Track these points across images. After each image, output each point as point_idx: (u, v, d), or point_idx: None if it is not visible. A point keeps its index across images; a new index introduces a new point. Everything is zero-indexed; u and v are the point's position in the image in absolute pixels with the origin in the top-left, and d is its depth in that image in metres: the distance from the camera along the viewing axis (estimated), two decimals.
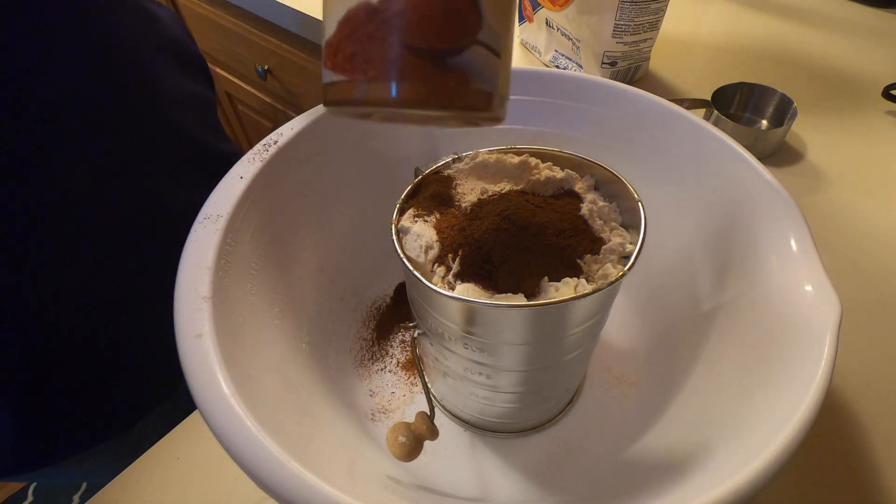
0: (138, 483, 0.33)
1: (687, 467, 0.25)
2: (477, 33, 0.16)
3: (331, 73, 0.17)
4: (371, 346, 0.39)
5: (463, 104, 0.17)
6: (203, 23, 1.04)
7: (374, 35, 0.16)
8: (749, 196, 0.30)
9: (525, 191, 0.28)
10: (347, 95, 0.16)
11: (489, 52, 0.17)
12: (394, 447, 0.27)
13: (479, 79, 0.16)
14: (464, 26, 0.16)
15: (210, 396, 0.21)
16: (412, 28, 0.15)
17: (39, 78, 0.32)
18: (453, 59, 0.16)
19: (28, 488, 1.09)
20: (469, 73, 0.16)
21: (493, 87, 0.17)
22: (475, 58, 0.16)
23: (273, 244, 0.31)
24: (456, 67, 0.16)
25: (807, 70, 0.60)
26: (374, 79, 0.16)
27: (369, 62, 0.16)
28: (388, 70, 0.16)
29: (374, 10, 0.15)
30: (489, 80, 0.17)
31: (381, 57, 0.16)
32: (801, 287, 0.25)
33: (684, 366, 0.32)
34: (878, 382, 0.35)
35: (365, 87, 0.16)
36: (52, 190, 0.34)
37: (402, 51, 0.15)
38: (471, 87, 0.16)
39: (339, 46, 0.16)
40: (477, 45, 0.16)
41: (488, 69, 0.17)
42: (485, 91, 0.17)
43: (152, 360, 0.43)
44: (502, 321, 0.24)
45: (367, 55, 0.16)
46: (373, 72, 0.16)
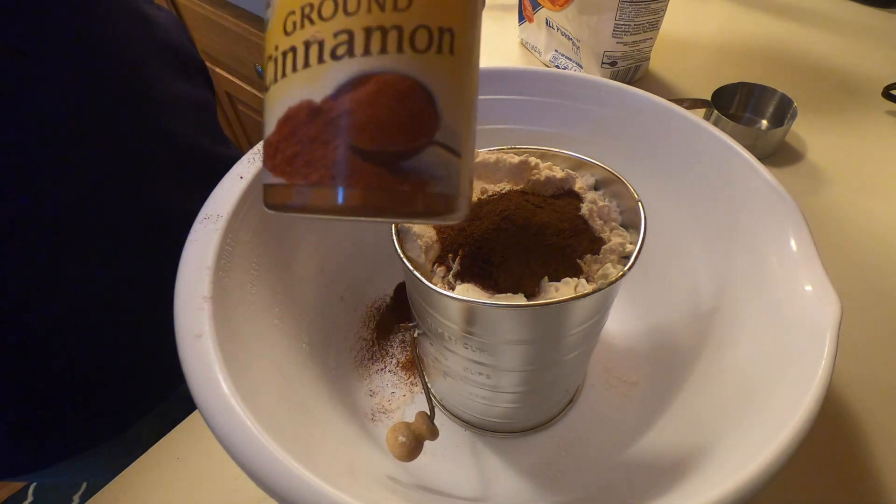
0: (138, 483, 0.33)
1: (687, 467, 0.25)
2: (434, 134, 0.15)
3: (269, 175, 0.15)
4: (371, 346, 0.39)
5: (419, 211, 0.15)
6: (203, 23, 1.04)
7: (316, 137, 0.14)
8: (749, 196, 0.30)
9: (525, 191, 0.28)
10: (287, 200, 0.15)
11: (448, 152, 0.15)
12: (394, 447, 0.27)
13: (436, 182, 0.15)
14: (418, 127, 0.14)
15: (210, 396, 0.21)
16: (360, 129, 0.14)
17: (34, 85, 0.32)
18: (407, 161, 0.14)
19: (28, 488, 1.09)
20: (426, 176, 0.15)
21: (453, 188, 0.15)
22: (432, 160, 0.15)
23: (273, 244, 0.31)
24: (411, 171, 0.14)
25: (807, 70, 0.60)
26: (316, 184, 0.14)
27: (311, 165, 0.14)
28: (334, 175, 0.14)
29: (317, 109, 0.14)
30: (448, 183, 0.15)
31: (324, 160, 0.14)
32: (801, 287, 0.25)
33: (684, 366, 0.32)
34: (878, 382, 0.35)
35: (308, 193, 0.14)
36: (48, 194, 0.34)
37: (349, 154, 0.14)
38: (427, 192, 0.15)
39: (278, 147, 0.15)
40: (434, 145, 0.15)
41: (447, 171, 0.15)
42: (443, 194, 0.15)
43: (151, 361, 0.43)
44: (502, 321, 0.24)
45: (309, 157, 0.14)
46: (315, 176, 0.14)
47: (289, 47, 0.14)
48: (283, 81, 0.15)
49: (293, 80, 0.14)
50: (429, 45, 0.14)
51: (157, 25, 0.42)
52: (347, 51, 0.14)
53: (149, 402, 0.46)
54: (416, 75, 0.14)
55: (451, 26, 0.15)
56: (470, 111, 0.16)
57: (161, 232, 0.39)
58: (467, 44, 0.15)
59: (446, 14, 0.15)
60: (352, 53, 0.14)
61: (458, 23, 0.15)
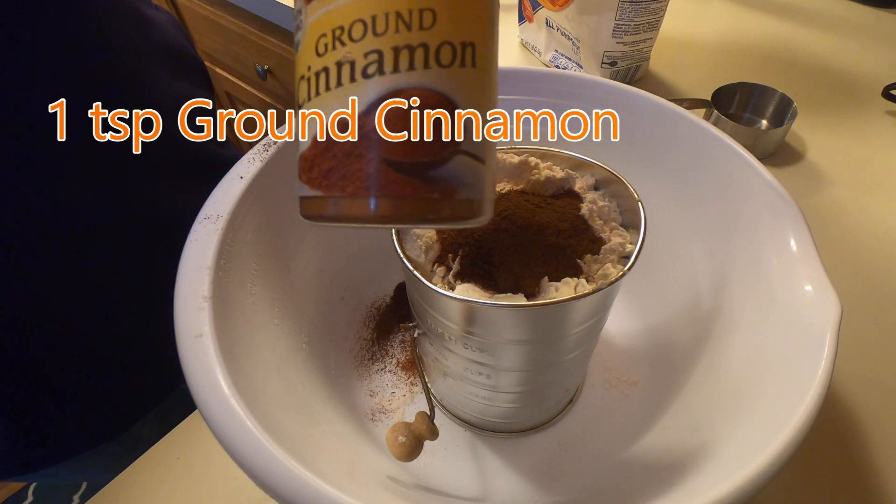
0: (138, 483, 0.33)
1: (687, 467, 0.25)
2: (460, 143, 0.15)
3: (306, 188, 0.16)
4: (371, 346, 0.39)
5: (449, 216, 0.16)
6: (203, 23, 1.04)
7: (351, 151, 0.15)
8: (749, 196, 0.30)
9: (525, 191, 0.28)
10: (325, 211, 0.16)
11: (473, 160, 0.16)
12: (394, 447, 0.27)
13: (464, 188, 0.16)
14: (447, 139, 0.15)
15: (210, 396, 0.21)
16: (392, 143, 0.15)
17: (32, 86, 0.32)
18: (437, 171, 0.15)
19: (28, 488, 1.09)
20: (454, 183, 0.15)
21: (479, 193, 0.16)
22: (459, 167, 0.15)
23: (273, 244, 0.31)
24: (440, 179, 0.15)
25: (807, 70, 0.60)
26: (352, 195, 0.15)
27: (347, 178, 0.15)
28: (368, 186, 0.15)
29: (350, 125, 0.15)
30: (474, 188, 0.16)
31: (359, 172, 0.15)
32: (801, 287, 0.25)
33: (684, 366, 0.32)
34: (878, 382, 0.35)
35: (344, 204, 0.15)
36: (47, 196, 0.34)
37: (382, 166, 0.15)
38: (456, 199, 0.16)
39: (314, 161, 0.15)
40: (460, 154, 0.15)
41: (473, 177, 0.16)
42: (470, 199, 0.16)
43: (151, 360, 0.43)
44: (502, 321, 0.24)
45: (344, 171, 0.15)
46: (351, 188, 0.15)
47: (321, 68, 0.15)
48: (318, 99, 0.15)
49: (327, 98, 0.15)
50: (453, 60, 0.15)
51: (156, 26, 0.42)
52: (378, 69, 0.15)
53: (149, 401, 0.46)
54: (443, 89, 0.15)
55: (472, 40, 0.15)
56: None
57: (161, 232, 0.39)
58: (488, 55, 0.16)
59: (468, 29, 0.15)
60: (382, 72, 0.15)
61: (479, 36, 0.16)
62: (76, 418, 0.41)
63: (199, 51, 1.12)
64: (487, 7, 0.16)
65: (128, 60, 0.38)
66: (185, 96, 0.44)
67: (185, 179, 0.43)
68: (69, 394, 0.40)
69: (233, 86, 1.13)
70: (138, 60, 0.39)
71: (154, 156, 0.40)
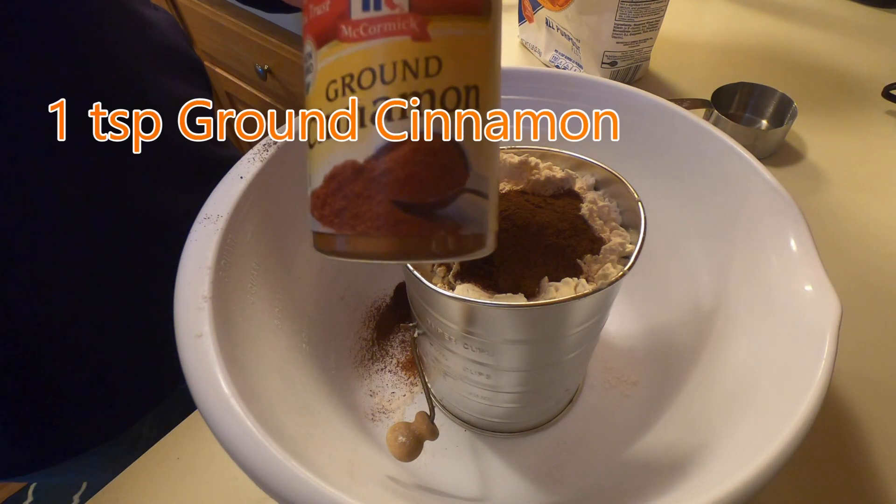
0: (138, 483, 0.33)
1: (687, 467, 0.25)
2: (465, 182, 0.16)
3: (319, 224, 0.17)
4: (371, 346, 0.39)
5: (454, 251, 0.16)
6: (203, 23, 1.04)
7: (361, 193, 0.15)
8: (749, 196, 0.30)
9: (525, 191, 0.28)
10: (336, 248, 0.16)
11: (477, 196, 0.16)
12: (394, 447, 0.27)
13: (468, 224, 0.16)
14: (451, 178, 0.16)
15: (210, 396, 0.21)
16: (400, 185, 0.15)
17: (30, 87, 0.32)
18: (443, 210, 0.16)
19: (28, 488, 1.09)
20: (459, 220, 0.16)
21: (483, 228, 0.17)
22: (464, 205, 0.16)
23: (273, 244, 0.31)
24: (446, 217, 0.16)
25: (807, 70, 0.60)
26: (363, 234, 0.16)
27: (358, 218, 0.16)
28: (378, 226, 0.15)
29: (360, 168, 0.15)
30: (478, 224, 0.17)
31: (369, 213, 0.15)
32: (801, 287, 0.25)
33: (684, 366, 0.32)
34: (878, 382, 0.35)
35: (355, 242, 0.16)
36: (46, 196, 0.34)
37: (391, 207, 0.15)
38: (461, 235, 0.16)
39: (326, 200, 0.16)
40: (465, 192, 0.16)
41: (477, 213, 0.17)
42: (475, 234, 0.17)
43: (151, 360, 0.43)
44: (502, 321, 0.24)
45: (355, 211, 0.16)
46: (361, 227, 0.16)
47: (332, 112, 0.16)
48: (328, 142, 0.16)
49: (337, 142, 0.16)
50: (457, 104, 0.16)
51: (154, 26, 0.42)
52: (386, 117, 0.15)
53: (149, 401, 0.46)
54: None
55: (476, 83, 0.16)
56: (495, 154, 0.18)
57: (161, 232, 0.39)
58: (491, 95, 0.17)
59: (472, 74, 0.16)
60: (390, 119, 0.15)
61: (483, 79, 0.16)
62: (76, 418, 0.41)
63: (199, 51, 1.12)
64: (490, 51, 0.17)
65: (126, 60, 0.38)
66: (183, 96, 0.44)
67: (185, 179, 0.43)
68: (69, 394, 0.40)
69: (233, 86, 1.13)
70: (136, 60, 0.39)
71: (154, 156, 0.40)
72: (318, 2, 0.16)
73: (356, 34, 0.15)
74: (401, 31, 0.15)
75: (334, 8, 0.15)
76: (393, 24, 0.15)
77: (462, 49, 0.16)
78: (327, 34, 0.16)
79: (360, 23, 0.15)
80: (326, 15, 0.15)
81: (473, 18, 0.16)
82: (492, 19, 0.16)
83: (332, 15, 0.15)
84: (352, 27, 0.15)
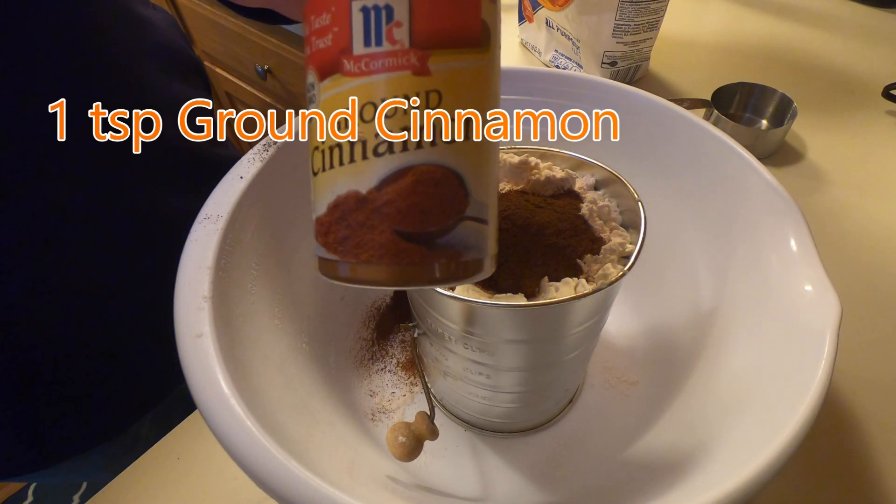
0: (138, 483, 0.33)
1: (687, 467, 0.25)
2: (465, 210, 0.16)
3: (323, 250, 0.17)
4: (371, 346, 0.39)
5: (454, 277, 0.17)
6: (203, 23, 1.04)
7: (364, 223, 0.16)
8: (749, 196, 0.30)
9: (525, 191, 0.28)
10: (340, 274, 0.17)
11: (477, 223, 0.17)
12: (394, 447, 0.27)
13: (468, 251, 0.17)
14: (452, 207, 0.16)
15: (210, 396, 0.21)
16: (402, 215, 0.16)
17: (29, 88, 0.32)
18: (443, 238, 0.16)
19: (28, 488, 1.09)
20: (459, 248, 0.17)
21: (483, 253, 0.17)
22: (464, 233, 0.17)
23: (273, 244, 0.31)
24: (447, 245, 0.16)
25: (807, 70, 0.60)
26: (366, 262, 0.16)
27: (361, 247, 0.16)
28: (381, 255, 0.16)
29: (363, 199, 0.16)
30: (478, 249, 0.17)
31: (372, 242, 0.16)
32: (801, 287, 0.25)
33: (684, 366, 0.32)
34: (878, 382, 0.35)
35: (358, 269, 0.16)
36: (46, 197, 0.34)
37: (393, 236, 0.16)
38: (461, 261, 0.17)
39: (329, 228, 0.17)
40: (465, 220, 0.16)
41: (477, 239, 0.17)
42: (475, 259, 0.17)
43: (151, 360, 0.43)
44: (502, 321, 0.24)
45: (358, 240, 0.16)
46: (365, 256, 0.16)
47: (335, 143, 0.16)
48: (331, 172, 0.16)
49: (340, 172, 0.16)
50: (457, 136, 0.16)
51: (153, 26, 0.42)
52: (388, 149, 0.16)
53: (149, 402, 0.46)
54: (448, 163, 0.16)
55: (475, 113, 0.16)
56: (494, 180, 0.18)
57: (161, 232, 0.39)
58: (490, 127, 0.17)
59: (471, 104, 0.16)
60: (392, 151, 0.16)
61: (481, 108, 0.17)
62: (76, 419, 0.41)
63: (199, 51, 1.12)
64: (488, 80, 0.17)
65: (125, 61, 0.38)
66: (183, 96, 0.43)
67: (186, 179, 0.43)
68: (69, 394, 0.40)
69: (233, 86, 1.13)
70: (136, 60, 0.39)
71: (154, 156, 0.40)
72: (321, 35, 0.16)
73: (358, 69, 0.15)
74: (402, 67, 0.15)
75: (336, 42, 0.16)
76: (394, 59, 0.15)
77: (461, 81, 0.16)
78: (330, 67, 0.16)
79: (361, 58, 0.15)
80: (329, 49, 0.16)
81: (473, 51, 0.16)
82: (491, 49, 0.17)
83: (334, 49, 0.16)
84: (354, 62, 0.15)
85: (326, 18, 0.16)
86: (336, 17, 0.15)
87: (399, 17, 0.15)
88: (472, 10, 0.16)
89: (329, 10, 0.16)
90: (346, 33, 0.15)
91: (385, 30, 0.15)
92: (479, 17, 0.16)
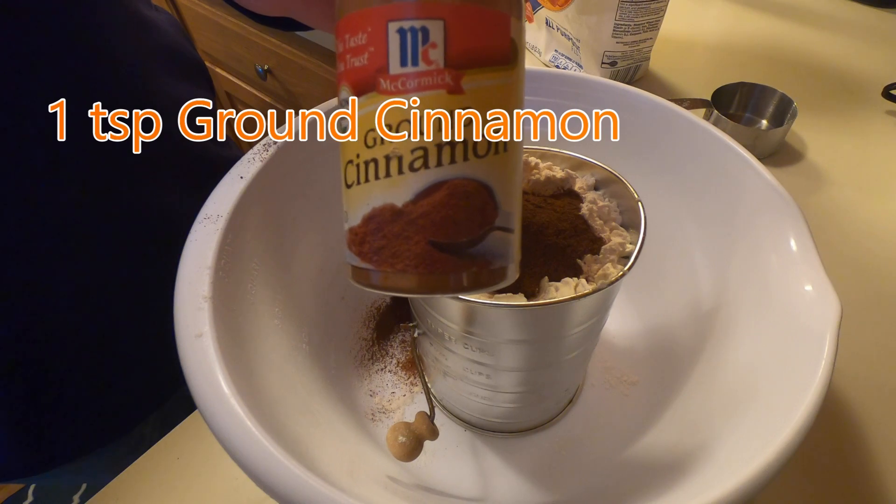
0: (138, 483, 0.33)
1: (687, 467, 0.25)
2: (494, 221, 0.17)
3: (357, 259, 0.18)
4: (371, 346, 0.39)
5: (483, 284, 0.18)
6: (203, 23, 1.04)
7: (399, 234, 0.17)
8: (749, 196, 0.30)
9: (525, 191, 0.28)
10: (373, 282, 0.18)
11: (505, 232, 0.18)
12: (394, 447, 0.27)
13: (497, 259, 0.18)
14: (483, 219, 0.17)
15: (210, 396, 0.21)
16: (436, 227, 0.17)
17: (31, 89, 0.32)
18: (474, 248, 0.17)
19: (28, 488, 1.09)
20: (489, 256, 0.17)
21: (509, 260, 0.18)
22: (493, 242, 0.18)
23: (273, 244, 0.31)
24: (477, 255, 0.17)
25: (807, 70, 0.60)
26: (401, 271, 0.17)
27: (396, 256, 0.17)
28: (416, 264, 0.17)
29: (398, 211, 0.17)
30: (505, 257, 0.18)
31: (407, 253, 0.17)
32: (801, 287, 0.25)
33: (684, 366, 0.32)
34: (878, 382, 0.35)
35: (393, 278, 0.17)
36: (46, 197, 0.34)
37: (427, 247, 0.17)
38: (490, 269, 0.18)
39: (364, 238, 0.17)
40: (494, 230, 0.17)
41: (504, 248, 0.18)
42: (502, 267, 0.18)
43: (153, 361, 0.43)
44: (502, 321, 0.24)
45: (394, 250, 0.17)
46: (400, 265, 0.17)
47: (370, 158, 0.17)
48: (367, 185, 0.17)
49: (376, 185, 0.17)
50: (487, 150, 0.17)
51: (156, 27, 0.42)
52: (423, 164, 0.16)
53: (151, 404, 0.46)
54: (479, 177, 0.17)
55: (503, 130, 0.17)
56: (519, 190, 0.19)
57: (161, 232, 0.39)
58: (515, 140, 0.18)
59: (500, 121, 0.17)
60: (427, 166, 0.16)
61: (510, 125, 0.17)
62: (78, 422, 0.41)
63: (199, 51, 1.12)
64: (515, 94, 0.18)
65: (127, 61, 0.38)
66: (185, 97, 0.43)
67: (185, 179, 0.43)
68: (70, 397, 0.40)
69: (233, 86, 1.13)
70: (138, 61, 0.39)
71: (154, 156, 0.40)
72: (357, 53, 0.17)
73: (394, 87, 0.16)
74: (437, 86, 0.16)
75: (373, 62, 0.16)
76: (429, 78, 0.16)
77: (492, 98, 0.17)
78: (366, 85, 0.17)
79: (398, 77, 0.16)
80: (365, 67, 0.16)
81: (503, 68, 0.17)
82: (518, 65, 0.17)
83: (371, 68, 0.16)
84: (390, 81, 0.16)
85: (362, 38, 0.16)
86: (373, 37, 0.16)
87: (434, 39, 0.16)
88: (503, 30, 0.17)
89: (365, 30, 0.16)
90: (383, 53, 0.16)
91: (421, 51, 0.16)
92: (508, 36, 0.17)
